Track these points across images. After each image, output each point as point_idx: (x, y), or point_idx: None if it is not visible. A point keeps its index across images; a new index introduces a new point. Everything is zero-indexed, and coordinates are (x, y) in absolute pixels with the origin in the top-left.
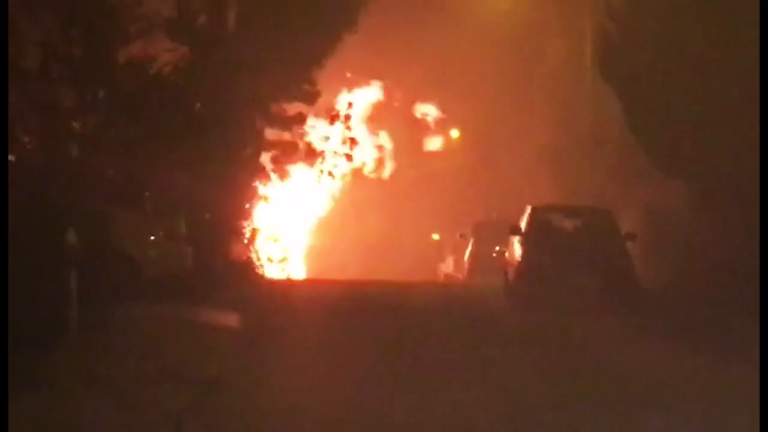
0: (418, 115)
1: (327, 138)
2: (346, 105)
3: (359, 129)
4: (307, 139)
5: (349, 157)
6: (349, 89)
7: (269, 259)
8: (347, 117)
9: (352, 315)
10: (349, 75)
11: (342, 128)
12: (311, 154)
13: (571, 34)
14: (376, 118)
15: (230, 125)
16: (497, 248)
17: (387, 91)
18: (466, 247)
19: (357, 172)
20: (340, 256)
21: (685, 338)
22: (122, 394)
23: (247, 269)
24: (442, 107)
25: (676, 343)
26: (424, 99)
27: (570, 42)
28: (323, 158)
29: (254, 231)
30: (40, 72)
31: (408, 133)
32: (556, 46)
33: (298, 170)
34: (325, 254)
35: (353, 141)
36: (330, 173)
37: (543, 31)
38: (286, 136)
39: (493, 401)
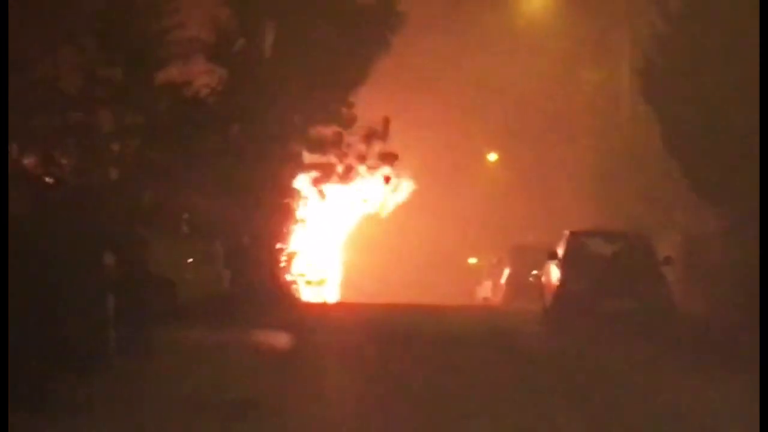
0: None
1: (363, 157)
2: (383, 122)
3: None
4: (345, 159)
5: (387, 179)
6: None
7: (306, 282)
8: (384, 134)
9: (387, 339)
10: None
11: (379, 145)
12: (349, 176)
13: (610, 59)
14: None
15: (267, 148)
16: (534, 272)
17: (423, 112)
18: (503, 271)
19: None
20: (375, 279)
21: (723, 364)
22: (159, 418)
23: (283, 292)
24: (479, 131)
25: (715, 369)
26: (460, 122)
27: (609, 67)
28: (360, 179)
29: (291, 254)
30: (79, 95)
31: (446, 156)
32: (596, 72)
33: (335, 191)
34: (361, 277)
35: (391, 157)
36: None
37: (582, 56)
38: (323, 157)
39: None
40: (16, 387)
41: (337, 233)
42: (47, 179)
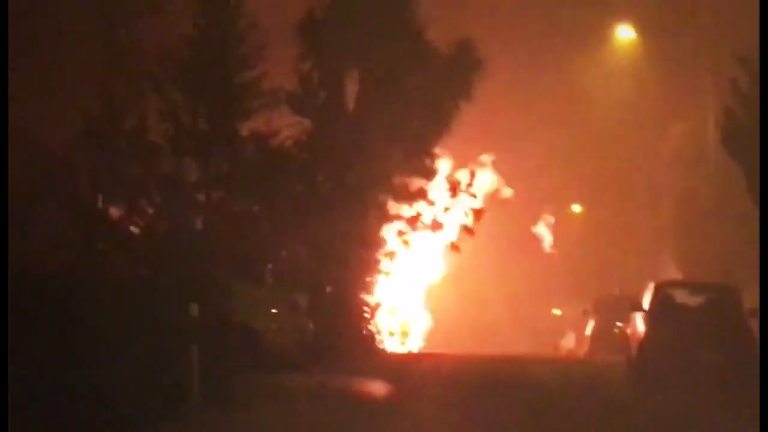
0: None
1: (447, 209)
2: (469, 175)
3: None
4: (429, 210)
5: (470, 231)
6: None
7: (390, 333)
8: (469, 186)
9: (473, 389)
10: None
11: (465, 199)
12: (434, 227)
13: (694, 113)
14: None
15: (352, 198)
16: (619, 324)
17: (507, 161)
18: (588, 323)
19: (478, 244)
20: (459, 330)
21: None
22: None
23: (368, 343)
24: (564, 181)
25: None
26: (545, 172)
27: (693, 121)
28: (444, 231)
29: (375, 305)
30: (166, 145)
31: (530, 206)
32: (679, 125)
33: (420, 241)
34: (445, 327)
35: (477, 212)
36: (454, 245)
37: (666, 111)
38: (408, 208)
39: None
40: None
41: (421, 283)
42: (133, 228)
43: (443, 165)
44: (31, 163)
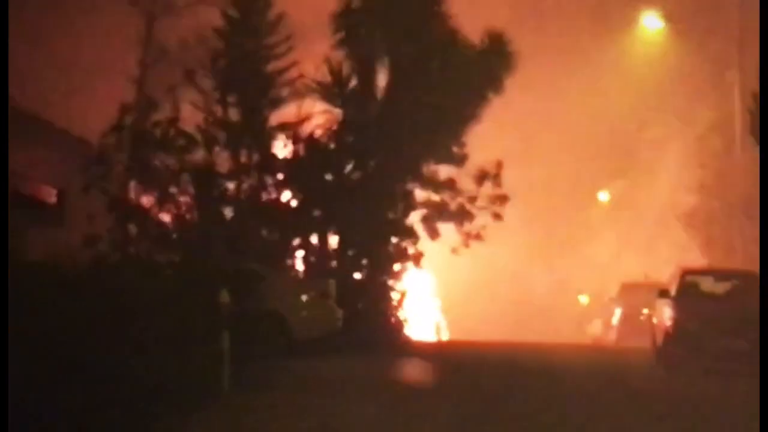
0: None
1: (474, 198)
2: (495, 164)
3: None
4: (457, 198)
5: (497, 216)
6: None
7: (418, 321)
8: (497, 175)
9: (501, 376)
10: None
11: (491, 187)
12: (461, 214)
13: (722, 98)
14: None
15: (381, 186)
16: (645, 311)
17: (535, 151)
18: (614, 310)
19: (504, 232)
20: (487, 318)
21: None
22: None
23: (396, 330)
24: (591, 169)
25: None
26: (572, 161)
27: (722, 106)
28: (471, 219)
29: (403, 292)
30: (198, 135)
31: (558, 194)
32: (707, 112)
33: (446, 230)
34: (472, 315)
35: (503, 199)
36: (478, 234)
37: (694, 98)
38: (435, 196)
39: None
40: (135, 421)
41: (450, 271)
42: (164, 217)
43: (472, 154)
44: (67, 154)
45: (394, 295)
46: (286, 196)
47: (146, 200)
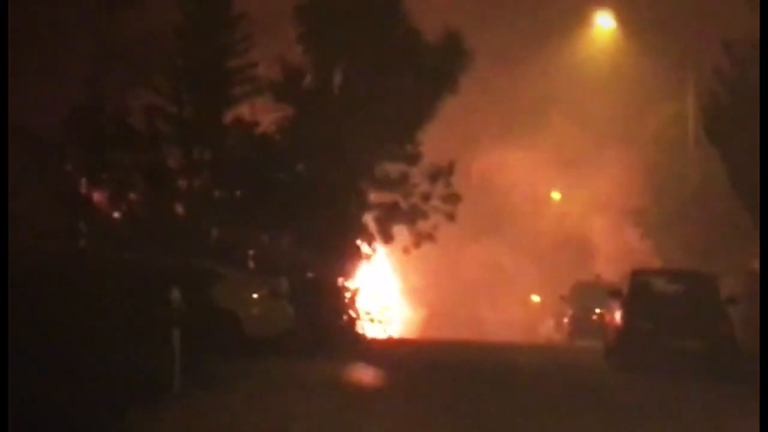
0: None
1: (428, 196)
2: (449, 164)
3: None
4: (409, 198)
5: (450, 217)
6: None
7: (370, 319)
8: (449, 173)
9: (450, 375)
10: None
11: (444, 185)
12: (414, 213)
13: (674, 97)
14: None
15: (333, 185)
16: (597, 310)
17: (488, 149)
18: (566, 310)
19: (456, 232)
20: (438, 316)
21: None
22: None
23: (348, 328)
24: (541, 169)
25: None
26: (525, 159)
27: (673, 105)
28: (425, 218)
29: (355, 290)
30: (149, 132)
31: (510, 194)
32: (660, 110)
33: (399, 229)
34: (424, 314)
35: (456, 198)
36: (429, 234)
37: (648, 94)
38: (389, 196)
39: None
40: (85, 417)
41: (401, 270)
42: (116, 214)
43: (425, 153)
44: (17, 149)
45: (347, 293)
46: (238, 194)
47: (98, 197)
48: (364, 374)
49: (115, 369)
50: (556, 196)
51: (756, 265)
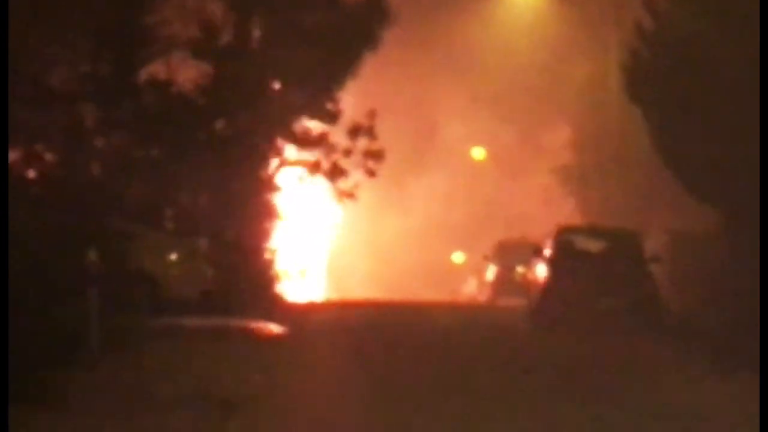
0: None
1: (348, 153)
2: (368, 116)
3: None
4: (330, 156)
5: (371, 173)
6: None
7: (289, 279)
8: (370, 129)
9: (374, 335)
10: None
11: (365, 141)
12: (334, 173)
13: (598, 55)
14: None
15: (251, 143)
16: (519, 269)
17: (408, 108)
18: (489, 268)
19: (378, 190)
20: (359, 277)
21: (712, 363)
22: (141, 411)
23: (267, 289)
24: (466, 125)
25: (700, 367)
26: (448, 117)
27: (597, 63)
28: (345, 176)
29: (274, 250)
30: (64, 90)
31: (431, 151)
32: (583, 67)
33: (319, 187)
34: (345, 275)
35: (377, 154)
36: (351, 193)
37: (569, 52)
38: (308, 153)
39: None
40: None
41: (321, 230)
42: (30, 174)
43: (345, 111)
44: None
45: (265, 253)
46: (156, 153)
47: (11, 157)
48: (279, 331)
49: (31, 330)
50: (477, 152)
51: (676, 224)
